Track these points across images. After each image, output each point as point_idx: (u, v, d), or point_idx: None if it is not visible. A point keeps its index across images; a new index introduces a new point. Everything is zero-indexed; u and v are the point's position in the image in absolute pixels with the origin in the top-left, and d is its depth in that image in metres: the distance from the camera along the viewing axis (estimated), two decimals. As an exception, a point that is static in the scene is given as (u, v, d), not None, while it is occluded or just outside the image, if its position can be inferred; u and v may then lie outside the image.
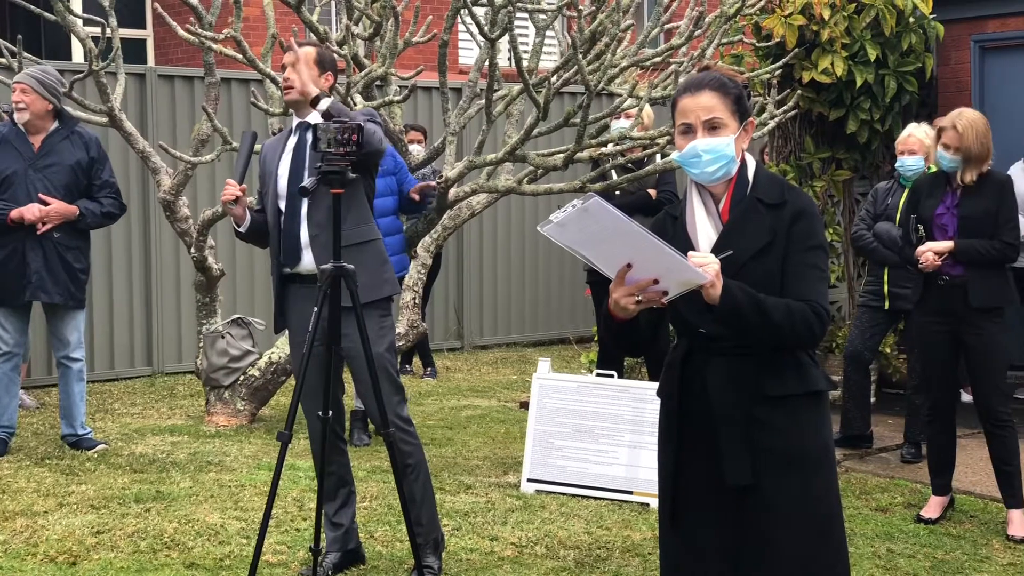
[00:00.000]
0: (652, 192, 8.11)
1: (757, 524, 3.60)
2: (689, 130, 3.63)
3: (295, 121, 5.49)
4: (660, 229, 3.71)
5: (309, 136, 5.33)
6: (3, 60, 8.25)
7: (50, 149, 7.63)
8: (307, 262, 5.35)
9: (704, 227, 3.66)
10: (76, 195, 7.68)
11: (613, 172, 7.72)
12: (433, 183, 7.73)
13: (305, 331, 5.20)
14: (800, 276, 3.58)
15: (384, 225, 7.38)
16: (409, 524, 5.20)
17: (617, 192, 7.93)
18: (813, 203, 3.70)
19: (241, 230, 5.48)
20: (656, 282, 3.39)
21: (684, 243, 3.61)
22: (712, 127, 3.61)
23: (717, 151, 3.59)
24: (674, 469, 3.72)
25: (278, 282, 5.49)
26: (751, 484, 3.58)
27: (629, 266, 3.38)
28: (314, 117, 5.36)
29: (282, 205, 5.41)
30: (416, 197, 7.94)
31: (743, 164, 3.67)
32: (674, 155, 3.69)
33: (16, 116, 7.61)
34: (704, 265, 3.38)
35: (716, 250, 3.56)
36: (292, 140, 5.46)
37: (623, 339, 3.69)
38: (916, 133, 7.64)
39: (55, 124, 7.70)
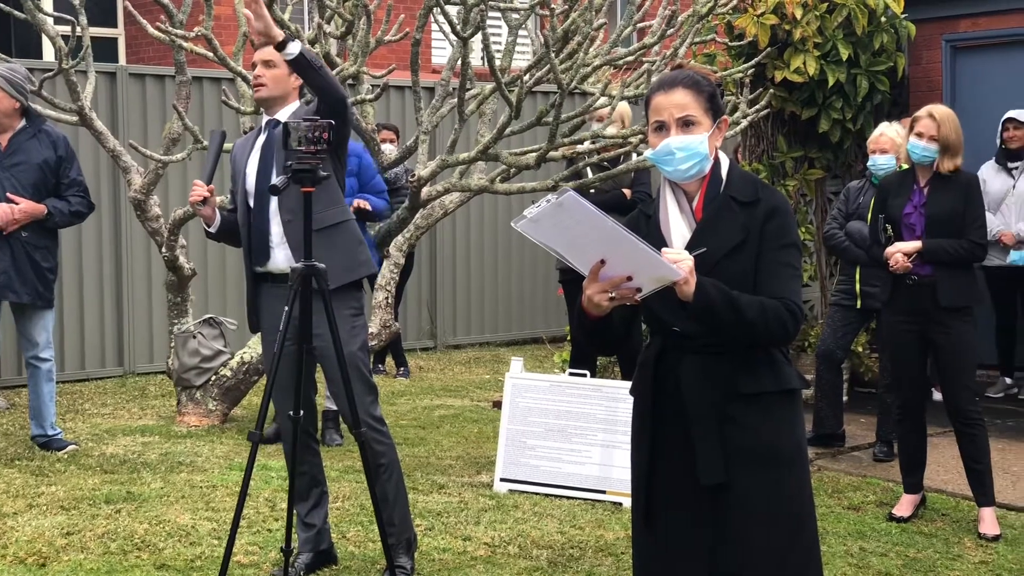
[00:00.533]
0: (627, 192, 8.11)
1: (730, 522, 3.60)
2: (662, 128, 3.63)
3: (264, 119, 5.47)
4: (634, 227, 3.68)
5: (278, 133, 5.30)
6: (-28, 58, 8.19)
7: (17, 148, 7.58)
8: (277, 260, 5.34)
9: (678, 225, 3.65)
10: (44, 194, 7.63)
11: (588, 170, 7.71)
12: (362, 203, 7.77)
13: (276, 331, 5.18)
14: (773, 274, 3.58)
15: None
16: (381, 524, 5.18)
17: (592, 191, 7.93)
18: (786, 201, 3.70)
19: (211, 230, 5.47)
20: (630, 279, 3.38)
21: (658, 241, 3.60)
22: (685, 125, 3.60)
23: (690, 149, 3.59)
24: (647, 468, 3.71)
25: (251, 281, 5.47)
26: (724, 482, 3.58)
27: (603, 262, 3.37)
28: (283, 114, 5.34)
29: (251, 203, 5.38)
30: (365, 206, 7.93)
31: (716, 162, 3.67)
32: (647, 153, 3.68)
33: None
34: (678, 261, 3.37)
35: (690, 248, 3.55)
36: (261, 138, 5.43)
37: (596, 337, 3.69)
38: (888, 132, 7.65)
39: (22, 123, 7.65)
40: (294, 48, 4.99)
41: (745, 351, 3.60)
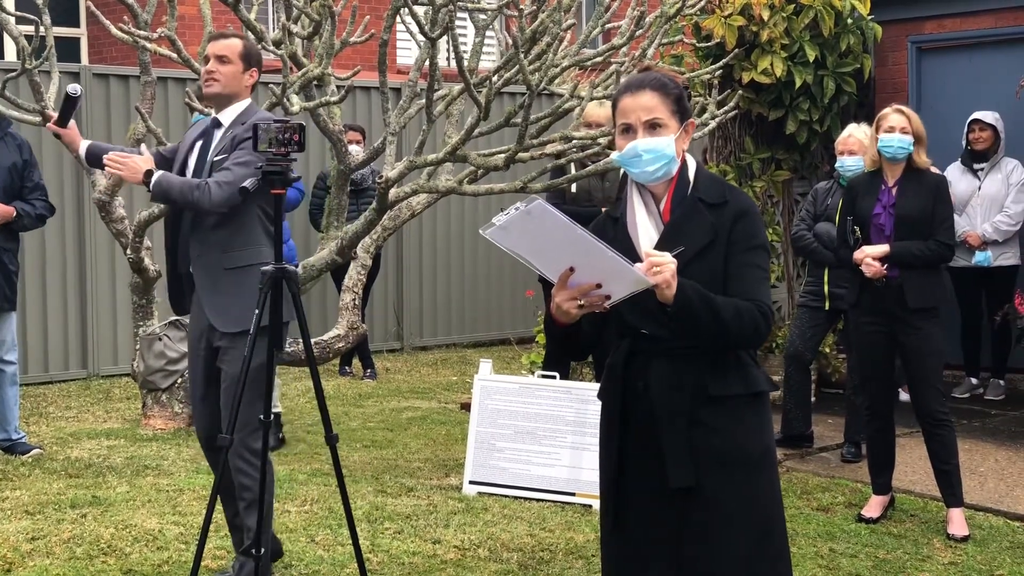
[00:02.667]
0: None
1: (699, 524, 3.59)
2: (629, 130, 3.61)
3: (209, 119, 5.39)
4: (600, 230, 3.68)
5: (217, 134, 5.28)
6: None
7: None
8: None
9: (645, 227, 3.63)
10: (11, 197, 7.58)
11: (572, 167, 7.70)
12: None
13: (198, 338, 5.27)
14: (743, 276, 3.57)
15: None
16: (352, 528, 5.11)
17: (564, 196, 7.88)
18: (754, 203, 3.69)
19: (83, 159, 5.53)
20: (599, 286, 3.36)
21: (625, 243, 3.59)
22: (652, 127, 3.59)
23: (657, 151, 3.57)
24: (616, 471, 3.70)
25: (173, 276, 5.43)
26: (693, 485, 3.57)
27: (572, 270, 3.35)
28: (228, 114, 5.29)
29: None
30: None
31: (684, 164, 3.66)
32: (614, 155, 3.67)
33: None
34: (661, 265, 3.35)
35: (658, 248, 3.53)
36: (202, 139, 5.34)
37: (565, 343, 3.67)
38: (856, 133, 7.66)
39: None
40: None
41: (713, 354, 3.59)
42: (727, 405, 3.60)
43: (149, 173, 5.11)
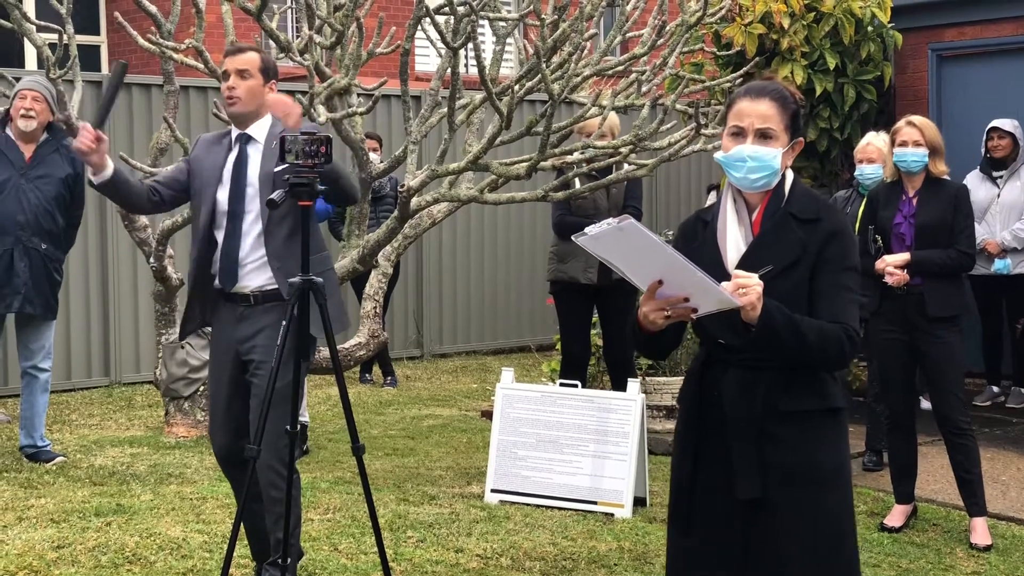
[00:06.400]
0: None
1: (764, 536, 3.59)
2: (740, 133, 3.63)
3: (235, 132, 5.27)
4: (690, 233, 3.72)
5: (250, 150, 5.21)
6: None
7: (41, 160, 7.61)
8: (243, 282, 5.23)
9: (734, 237, 3.65)
10: (63, 207, 7.69)
11: (577, 180, 7.71)
12: None
13: (225, 351, 5.23)
14: (833, 297, 3.56)
15: None
16: (379, 538, 5.12)
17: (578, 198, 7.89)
18: (848, 224, 3.70)
19: (95, 180, 5.11)
20: (686, 300, 3.40)
21: (713, 251, 3.62)
22: (763, 136, 3.60)
23: (763, 160, 3.58)
24: (690, 476, 3.71)
25: (199, 291, 5.32)
26: (762, 497, 3.57)
27: (660, 282, 3.39)
28: (257, 129, 5.22)
29: (222, 223, 5.22)
30: None
31: (782, 178, 3.67)
32: (718, 155, 3.68)
33: (22, 123, 7.54)
34: (748, 286, 3.38)
35: (744, 260, 3.56)
36: (232, 154, 5.25)
37: (649, 347, 3.73)
38: (875, 142, 7.67)
39: (44, 135, 7.65)
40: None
41: (788, 368, 3.58)
42: (799, 419, 3.59)
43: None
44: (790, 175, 3.70)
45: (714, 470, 3.65)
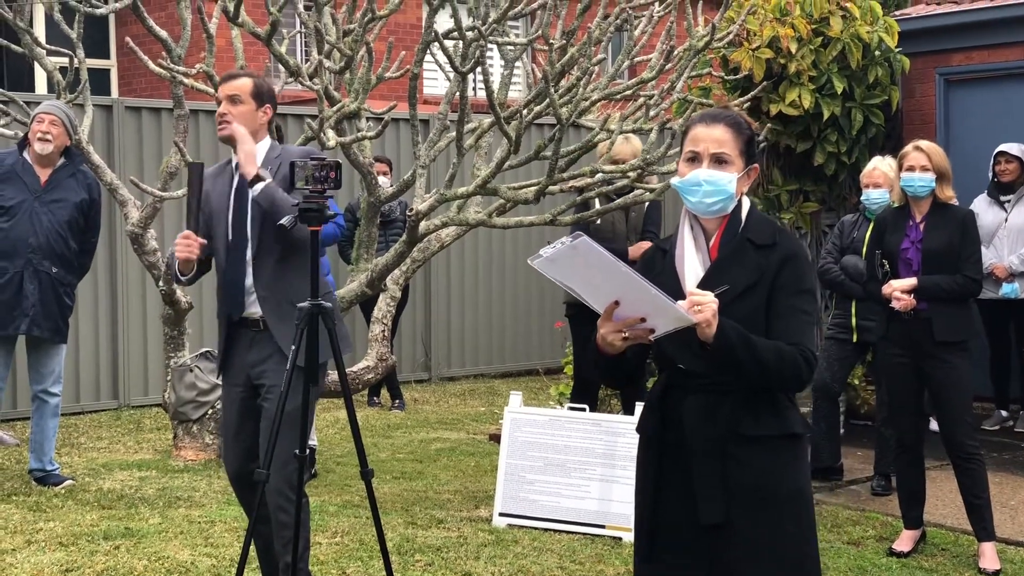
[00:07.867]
0: (632, 250, 7.86)
1: (729, 560, 3.61)
2: (695, 158, 3.66)
3: (235, 159, 5.24)
4: (649, 263, 3.76)
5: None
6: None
7: (57, 184, 7.61)
8: (249, 310, 5.26)
9: (692, 263, 3.68)
10: (76, 233, 7.67)
11: (596, 201, 7.73)
12: None
13: (237, 375, 5.26)
14: (789, 319, 3.60)
15: None
16: (388, 564, 5.12)
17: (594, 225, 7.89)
18: (804, 248, 3.73)
19: (183, 280, 5.25)
20: (643, 320, 3.40)
21: (672, 277, 3.64)
22: (718, 161, 3.64)
23: (718, 185, 3.62)
24: (651, 505, 3.72)
25: (223, 327, 5.37)
26: (724, 522, 3.59)
27: (617, 303, 3.40)
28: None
29: (224, 252, 5.26)
30: None
31: (738, 204, 3.70)
32: (674, 180, 3.71)
33: (38, 146, 7.54)
34: (702, 303, 3.39)
35: (703, 285, 3.58)
36: (235, 182, 5.25)
37: (610, 371, 3.72)
38: (881, 166, 7.68)
39: (61, 159, 7.67)
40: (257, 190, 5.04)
41: (749, 393, 3.61)
42: (760, 444, 3.62)
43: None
44: (746, 202, 3.74)
45: (676, 497, 3.66)
